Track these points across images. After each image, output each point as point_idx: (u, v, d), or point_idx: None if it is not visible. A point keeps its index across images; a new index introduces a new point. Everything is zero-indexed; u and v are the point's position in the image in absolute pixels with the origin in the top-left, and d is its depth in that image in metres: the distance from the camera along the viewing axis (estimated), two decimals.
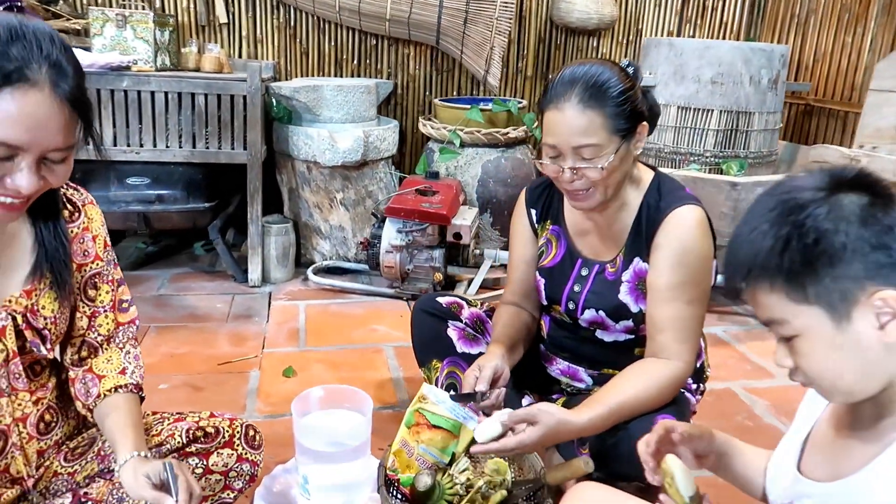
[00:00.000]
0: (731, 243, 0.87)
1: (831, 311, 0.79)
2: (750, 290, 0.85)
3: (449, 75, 3.61)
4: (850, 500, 0.87)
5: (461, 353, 1.78)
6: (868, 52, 3.19)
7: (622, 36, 3.78)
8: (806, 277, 0.79)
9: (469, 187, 3.14)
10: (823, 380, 0.84)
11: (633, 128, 1.44)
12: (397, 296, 2.88)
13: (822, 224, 0.78)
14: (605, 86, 1.39)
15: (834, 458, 0.93)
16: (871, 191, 0.80)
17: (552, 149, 1.44)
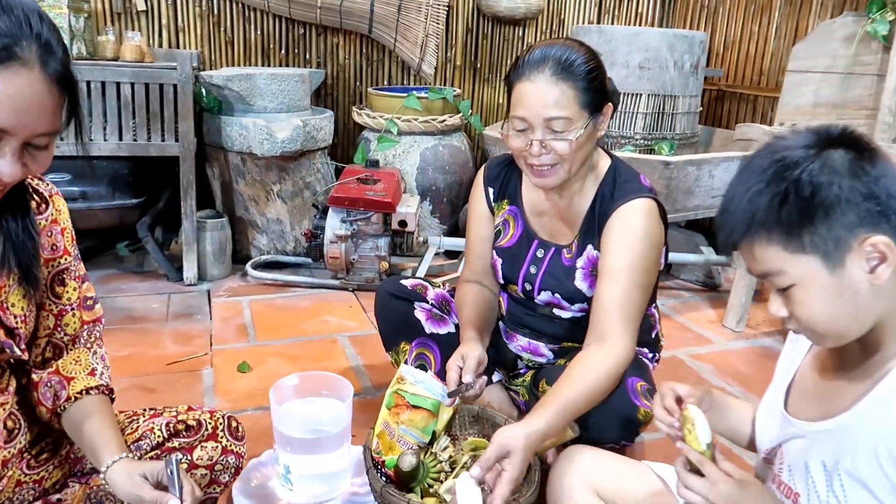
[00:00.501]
0: (725, 203, 0.92)
1: (826, 259, 0.84)
2: (747, 246, 0.89)
3: (380, 65, 3.58)
4: (842, 437, 0.92)
5: (430, 333, 1.78)
6: (774, 39, 3.42)
7: (546, 26, 3.87)
8: (803, 229, 0.84)
9: (408, 176, 3.14)
10: (818, 325, 0.89)
11: (600, 106, 1.47)
12: (343, 287, 2.84)
13: (816, 178, 0.83)
14: (576, 62, 1.42)
15: (822, 399, 0.99)
16: (855, 146, 0.86)
17: (522, 121, 1.45)
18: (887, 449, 0.87)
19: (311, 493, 1.47)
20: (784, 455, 1.05)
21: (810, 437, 0.98)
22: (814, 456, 0.97)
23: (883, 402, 0.88)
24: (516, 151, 1.51)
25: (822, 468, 0.95)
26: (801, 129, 0.91)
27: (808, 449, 0.98)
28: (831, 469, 0.94)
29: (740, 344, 2.49)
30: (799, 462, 1.00)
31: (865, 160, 0.85)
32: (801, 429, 1.00)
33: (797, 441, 1.01)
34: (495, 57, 3.82)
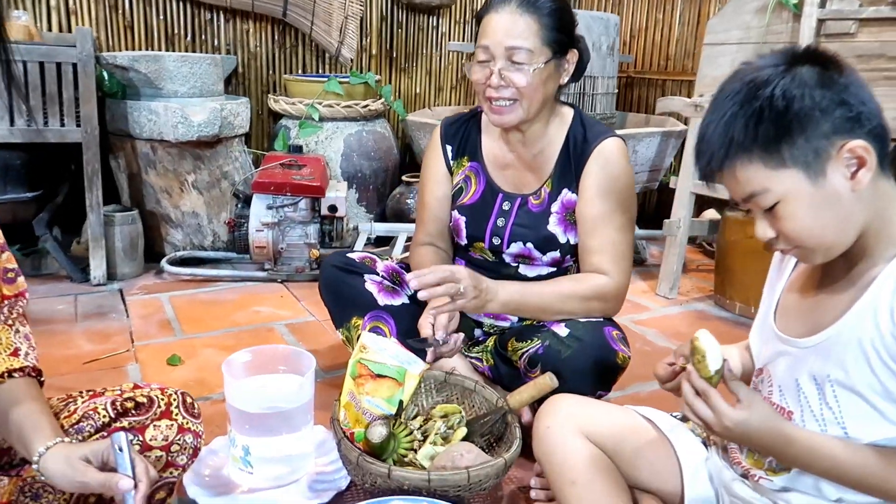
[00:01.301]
0: (702, 132, 0.92)
1: (807, 170, 0.86)
2: (728, 170, 0.89)
3: (293, 51, 3.45)
4: (831, 348, 0.93)
5: (384, 305, 1.69)
6: (678, 25, 3.58)
7: (459, 16, 3.87)
8: (781, 143, 0.85)
9: (333, 162, 3.02)
10: (809, 238, 0.89)
11: (564, 49, 1.47)
12: (271, 278, 2.68)
13: (788, 91, 0.85)
14: (541, 1, 1.44)
15: (809, 314, 1.00)
16: (820, 60, 0.88)
17: (484, 51, 1.46)
18: (876, 351, 0.89)
19: (274, 476, 1.34)
20: (772, 376, 1.05)
21: (799, 354, 0.98)
22: (803, 371, 0.97)
23: (870, 308, 0.90)
24: (477, 84, 1.50)
25: (812, 382, 0.96)
26: (765, 56, 0.92)
27: (797, 365, 0.99)
28: (822, 381, 0.95)
29: (676, 309, 2.56)
30: (789, 380, 1.00)
31: (832, 70, 0.87)
32: (791, 345, 1.00)
33: (784, 359, 1.02)
34: (411, 46, 3.77)
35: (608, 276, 1.51)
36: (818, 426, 0.96)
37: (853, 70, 0.89)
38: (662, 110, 2.65)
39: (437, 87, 3.92)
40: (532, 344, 1.51)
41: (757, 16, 2.38)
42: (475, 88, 1.53)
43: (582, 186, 1.54)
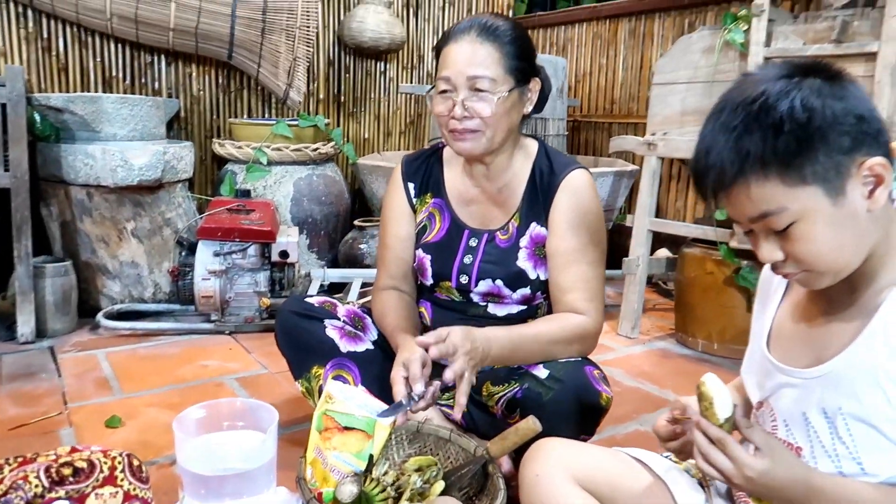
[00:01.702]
0: (705, 150, 0.85)
1: (828, 187, 0.81)
2: (740, 187, 0.83)
3: (238, 95, 3.36)
4: (841, 378, 0.88)
5: (346, 352, 1.58)
6: (622, 69, 3.67)
7: (407, 60, 3.87)
8: (802, 157, 0.80)
9: (282, 207, 2.91)
10: (822, 261, 0.84)
11: (526, 77, 1.44)
12: (218, 330, 2.52)
13: (809, 102, 0.80)
14: (503, 27, 1.42)
15: (812, 344, 0.94)
16: (826, 72, 0.84)
17: (446, 82, 1.41)
18: (892, 380, 0.84)
19: None
20: (774, 410, 0.99)
21: (805, 385, 0.93)
22: (812, 404, 0.91)
23: (881, 334, 0.85)
24: (439, 116, 1.45)
25: (822, 416, 0.90)
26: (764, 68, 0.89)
27: (804, 398, 0.93)
28: (833, 414, 0.89)
29: (639, 348, 2.52)
30: (795, 414, 0.94)
31: (842, 82, 0.83)
32: (794, 377, 0.95)
33: (788, 391, 0.96)
34: (359, 91, 3.74)
35: (586, 316, 1.45)
36: (831, 462, 0.90)
37: (858, 83, 0.87)
38: (616, 149, 2.67)
39: (385, 132, 3.88)
40: (510, 387, 1.43)
41: (704, 55, 2.44)
42: (438, 121, 1.47)
43: (552, 220, 1.49)
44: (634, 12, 3.55)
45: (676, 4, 3.32)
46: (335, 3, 3.55)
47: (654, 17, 3.47)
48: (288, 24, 2.83)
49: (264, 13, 2.84)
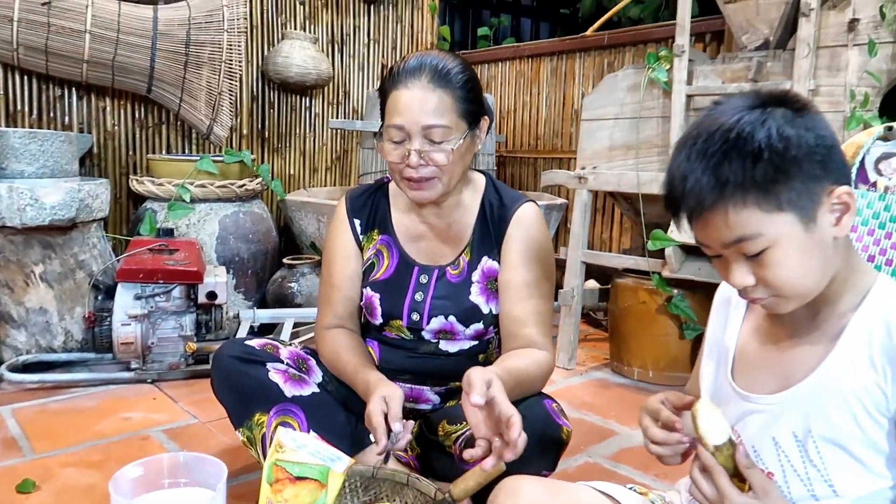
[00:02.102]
0: (682, 174, 0.86)
1: (802, 214, 0.83)
2: (717, 213, 0.84)
3: (156, 130, 3.21)
4: (810, 401, 0.90)
5: (292, 397, 1.49)
6: (545, 107, 3.77)
7: (332, 96, 3.83)
8: (779, 184, 0.82)
9: (207, 246, 2.78)
10: (792, 286, 0.86)
11: (477, 118, 1.43)
12: (139, 379, 2.35)
13: (785, 132, 0.82)
14: (453, 70, 1.38)
15: (776, 368, 0.96)
16: (791, 102, 0.87)
17: (399, 131, 1.36)
18: (860, 402, 0.86)
19: None
20: (741, 436, 1.00)
21: (772, 412, 0.94)
22: (781, 429, 0.92)
23: (846, 358, 0.88)
24: (393, 165, 1.40)
25: (793, 439, 0.91)
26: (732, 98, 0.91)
27: (773, 423, 0.94)
28: (804, 437, 0.90)
29: (577, 379, 2.54)
30: (764, 439, 0.95)
31: (809, 112, 0.86)
32: (761, 404, 0.96)
33: (755, 418, 0.97)
34: (284, 126, 3.66)
35: (546, 351, 1.43)
36: (803, 485, 0.91)
37: (821, 113, 0.90)
38: (548, 183, 2.71)
39: (311, 168, 3.81)
40: (467, 426, 1.38)
41: (629, 93, 2.53)
42: (390, 167, 1.43)
43: (505, 253, 1.47)
44: (555, 52, 3.67)
45: (596, 45, 3.46)
46: (258, 38, 3.48)
47: (574, 56, 3.59)
48: (212, 57, 2.74)
49: (187, 46, 2.74)
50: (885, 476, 0.87)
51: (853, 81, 2.01)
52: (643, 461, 1.83)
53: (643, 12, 4.90)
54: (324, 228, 2.99)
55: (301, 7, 3.61)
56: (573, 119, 3.63)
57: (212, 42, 2.74)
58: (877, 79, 1.97)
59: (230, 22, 2.74)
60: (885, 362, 0.85)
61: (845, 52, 2.03)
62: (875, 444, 0.87)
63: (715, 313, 1.13)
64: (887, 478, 0.87)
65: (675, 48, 2.34)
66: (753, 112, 0.84)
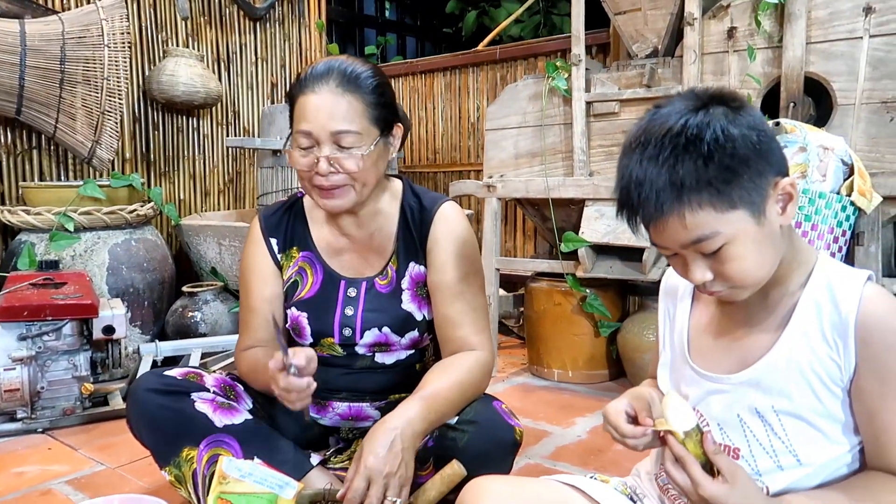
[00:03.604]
0: (636, 182, 0.88)
1: (753, 209, 0.87)
2: (674, 216, 0.87)
3: (26, 157, 2.92)
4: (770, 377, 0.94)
5: (223, 427, 1.40)
6: (441, 121, 3.81)
7: (221, 116, 3.67)
8: (731, 184, 0.85)
9: (97, 278, 2.55)
10: (749, 277, 0.90)
11: (390, 125, 1.40)
12: (28, 429, 2.10)
13: (730, 132, 0.86)
14: (363, 75, 1.34)
15: (733, 349, 1.00)
16: (728, 100, 0.90)
17: (307, 137, 1.31)
18: (816, 375, 0.91)
19: None
20: (705, 416, 1.03)
21: (734, 391, 0.98)
22: (744, 406, 0.97)
23: (800, 333, 0.93)
24: (302, 172, 1.35)
25: (755, 415, 0.96)
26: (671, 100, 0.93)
27: (736, 401, 0.98)
28: (766, 412, 0.95)
29: (501, 386, 2.55)
30: (729, 417, 0.99)
31: (745, 109, 0.90)
32: (723, 384, 0.99)
33: (718, 397, 1.00)
34: (170, 149, 3.46)
35: (480, 350, 1.42)
36: (770, 459, 0.95)
37: (754, 107, 0.94)
38: (457, 193, 2.73)
39: (203, 192, 3.62)
40: None
41: (531, 102, 2.60)
42: (299, 175, 1.38)
43: (431, 255, 1.45)
44: (448, 67, 3.73)
45: (488, 60, 3.54)
46: (138, 56, 3.28)
47: (467, 71, 3.66)
48: (91, 74, 2.54)
49: (62, 63, 2.52)
50: (844, 443, 0.92)
51: (736, 84, 2.18)
52: (581, 457, 1.86)
53: (523, 31, 5.10)
54: (225, 252, 2.84)
55: (183, 23, 3.44)
56: (470, 132, 3.69)
57: (90, 58, 2.54)
58: (757, 81, 2.14)
59: (110, 36, 2.56)
60: (835, 335, 0.90)
61: (727, 58, 2.20)
62: (832, 415, 0.92)
63: (663, 303, 1.17)
64: (845, 444, 0.92)
65: (572, 58, 2.43)
66: (697, 114, 0.87)
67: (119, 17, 2.60)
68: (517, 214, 3.50)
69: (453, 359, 1.40)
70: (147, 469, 1.73)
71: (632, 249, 2.31)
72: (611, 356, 2.55)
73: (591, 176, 2.45)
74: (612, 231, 2.29)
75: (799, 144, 1.80)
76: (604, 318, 2.46)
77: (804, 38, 2.03)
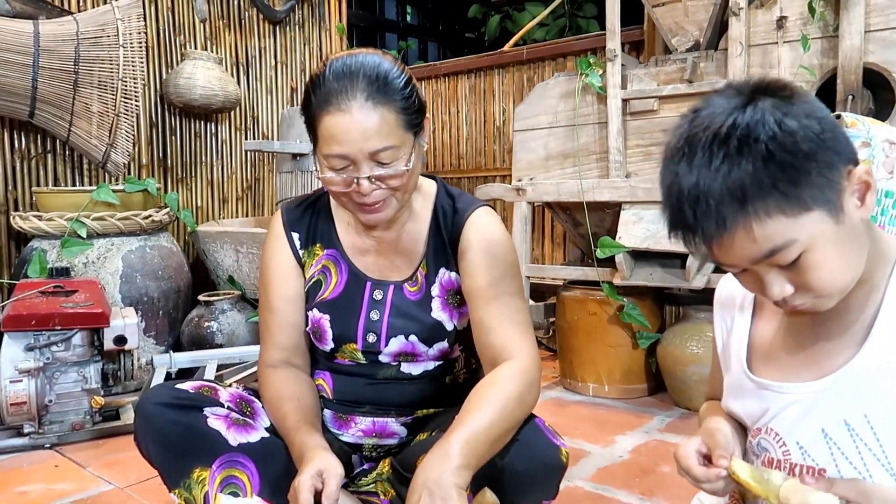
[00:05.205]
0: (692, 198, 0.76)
1: (829, 207, 0.77)
2: (741, 230, 0.75)
3: (40, 162, 2.85)
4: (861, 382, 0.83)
5: (238, 445, 1.27)
6: (465, 125, 3.69)
7: (241, 121, 3.59)
8: (799, 184, 0.74)
9: (110, 286, 2.45)
10: (835, 283, 0.79)
11: (421, 122, 1.25)
12: (35, 444, 2.00)
13: (787, 125, 0.75)
14: (390, 76, 1.18)
15: (811, 356, 0.89)
16: (776, 91, 0.79)
17: (341, 159, 1.16)
18: None
19: None
20: (780, 434, 0.90)
21: (815, 400, 0.85)
22: (829, 418, 0.84)
23: (892, 327, 0.81)
24: (339, 194, 1.23)
25: (844, 427, 0.83)
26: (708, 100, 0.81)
27: (818, 414, 0.85)
28: (856, 422, 0.82)
29: None
30: (810, 433, 0.86)
31: (800, 94, 0.80)
32: (800, 394, 0.87)
33: (794, 410, 0.88)
34: (188, 154, 3.37)
35: (520, 356, 1.23)
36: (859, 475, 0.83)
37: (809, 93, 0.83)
38: (483, 198, 2.60)
39: (221, 199, 3.53)
40: None
41: (562, 100, 2.47)
42: (334, 195, 1.26)
43: (463, 262, 1.31)
44: (473, 69, 3.61)
45: (514, 61, 3.42)
46: (155, 60, 3.20)
47: (492, 73, 3.54)
48: (107, 75, 2.46)
49: (76, 64, 2.44)
50: None
51: (787, 77, 2.03)
52: (625, 480, 1.71)
53: (548, 34, 4.98)
54: (243, 260, 2.73)
55: (201, 26, 3.36)
56: (495, 136, 3.57)
57: (105, 59, 2.45)
58: (811, 73, 2.00)
59: (125, 36, 2.48)
60: None
61: (776, 49, 2.05)
62: None
63: (719, 316, 1.05)
64: None
65: (607, 53, 2.30)
66: (744, 111, 0.76)
67: (136, 17, 2.52)
68: (545, 220, 3.36)
69: (496, 374, 1.22)
70: (157, 489, 1.62)
71: (673, 255, 2.16)
72: (649, 369, 2.39)
73: (627, 177, 2.31)
74: (651, 236, 2.15)
75: (862, 139, 1.65)
76: (642, 328, 2.31)
77: (862, 25, 1.88)
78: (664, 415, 2.21)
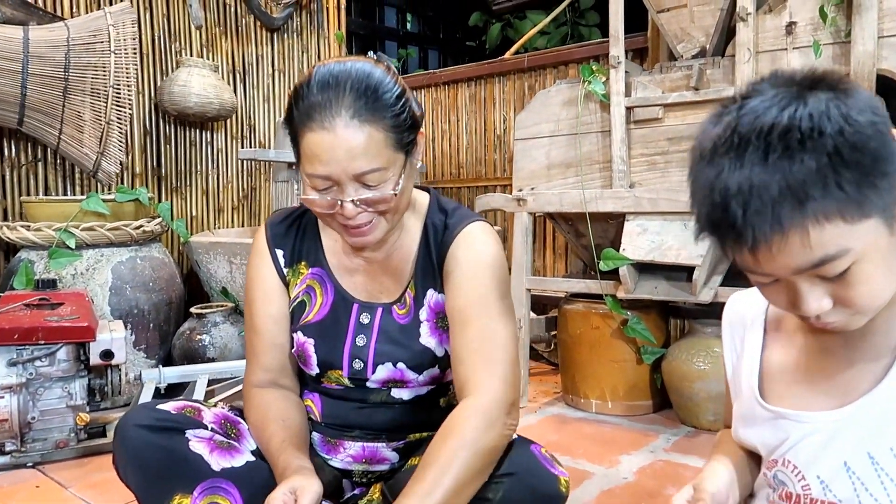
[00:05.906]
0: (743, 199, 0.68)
1: (885, 216, 0.69)
2: (795, 236, 0.67)
3: (30, 170, 2.79)
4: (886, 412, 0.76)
5: (221, 470, 1.20)
6: (465, 134, 3.63)
7: (237, 130, 3.53)
8: (862, 187, 0.67)
9: (98, 298, 2.39)
10: (876, 300, 0.72)
11: (413, 139, 1.15)
12: (16, 464, 1.92)
13: (857, 120, 0.67)
14: (381, 90, 1.09)
15: (830, 383, 0.82)
16: (833, 83, 0.71)
17: (324, 180, 1.08)
18: None
19: None
20: (799, 466, 0.83)
21: (836, 430, 0.79)
22: (852, 450, 0.77)
23: None
24: (323, 216, 1.15)
25: (867, 459, 0.76)
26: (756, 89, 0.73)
27: (840, 445, 0.79)
28: (881, 456, 0.76)
29: (535, 417, 2.33)
30: (832, 465, 0.79)
31: (853, 86, 0.72)
32: (820, 423, 0.80)
33: (813, 441, 0.81)
34: (182, 163, 3.31)
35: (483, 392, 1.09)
36: None
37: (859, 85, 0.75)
38: (483, 208, 2.54)
39: (216, 208, 3.46)
40: None
41: (565, 108, 2.41)
42: (319, 216, 1.19)
43: (448, 279, 1.21)
44: (473, 77, 3.55)
45: (515, 68, 3.36)
46: (150, 67, 3.15)
47: (493, 81, 3.48)
48: (98, 83, 2.40)
49: (67, 71, 2.38)
50: None
51: None
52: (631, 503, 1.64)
53: (549, 42, 4.94)
54: (236, 272, 2.67)
55: (197, 33, 3.31)
56: (496, 145, 3.50)
57: (97, 65, 2.40)
58: None
59: (118, 43, 2.42)
60: None
61: (785, 56, 1.99)
62: None
63: (728, 335, 0.98)
64: None
65: (610, 59, 2.24)
66: (804, 102, 0.68)
67: (129, 24, 2.47)
68: (547, 230, 3.29)
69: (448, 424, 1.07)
70: None
71: (679, 268, 2.09)
72: (654, 385, 2.31)
73: (631, 187, 2.24)
74: (656, 247, 2.08)
75: None
76: (647, 343, 2.24)
77: (875, 31, 1.82)
78: (670, 433, 2.14)
